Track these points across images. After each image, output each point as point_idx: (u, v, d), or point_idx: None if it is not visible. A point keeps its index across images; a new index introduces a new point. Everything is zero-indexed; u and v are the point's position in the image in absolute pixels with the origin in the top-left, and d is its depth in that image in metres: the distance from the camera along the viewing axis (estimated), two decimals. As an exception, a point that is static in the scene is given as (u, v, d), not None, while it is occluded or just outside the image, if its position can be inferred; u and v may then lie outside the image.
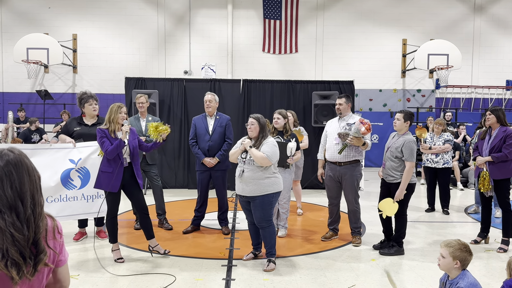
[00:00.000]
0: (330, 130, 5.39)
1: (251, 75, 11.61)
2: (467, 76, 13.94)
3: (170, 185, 9.04)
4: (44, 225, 1.64)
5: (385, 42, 13.84)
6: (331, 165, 5.35)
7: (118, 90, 12.53)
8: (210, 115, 5.74)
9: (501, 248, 5.10)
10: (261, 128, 4.44)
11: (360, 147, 5.17)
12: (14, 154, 1.63)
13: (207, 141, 5.63)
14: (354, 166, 5.24)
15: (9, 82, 13.30)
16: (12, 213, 1.54)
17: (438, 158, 7.07)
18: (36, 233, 1.58)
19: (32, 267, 1.56)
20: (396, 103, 13.96)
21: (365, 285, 4.04)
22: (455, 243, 2.87)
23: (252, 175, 4.34)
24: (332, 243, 5.34)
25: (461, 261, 2.82)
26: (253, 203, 4.42)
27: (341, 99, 5.34)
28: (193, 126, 5.77)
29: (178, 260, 4.66)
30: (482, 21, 13.93)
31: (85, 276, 4.18)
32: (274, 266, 4.43)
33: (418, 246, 5.29)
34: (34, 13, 13.26)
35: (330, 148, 5.32)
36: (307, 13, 13.77)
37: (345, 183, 5.26)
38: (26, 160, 1.65)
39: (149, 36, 13.51)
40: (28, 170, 1.63)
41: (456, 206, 7.69)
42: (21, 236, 1.53)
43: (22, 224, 1.55)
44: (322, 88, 9.27)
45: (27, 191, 1.59)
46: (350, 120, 5.24)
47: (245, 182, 4.36)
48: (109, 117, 4.48)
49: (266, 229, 4.45)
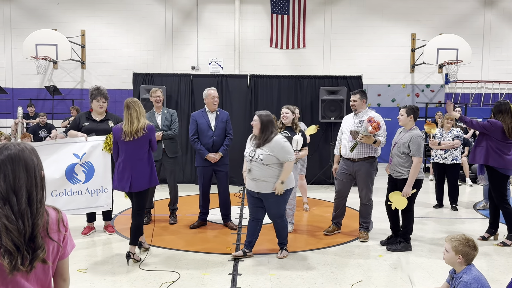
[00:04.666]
0: (346, 126, 5.37)
1: (259, 70, 11.58)
2: (477, 71, 13.78)
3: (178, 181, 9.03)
4: (44, 222, 1.65)
5: (394, 37, 13.71)
6: (345, 161, 5.34)
7: (126, 86, 12.58)
8: (212, 111, 5.72)
9: (503, 243, 5.11)
10: (263, 126, 4.40)
11: (372, 145, 5.13)
12: (16, 149, 1.64)
13: (210, 136, 5.60)
14: (369, 162, 5.20)
15: (19, 78, 13.41)
16: (5, 205, 1.57)
17: (447, 154, 7.01)
18: (33, 229, 1.60)
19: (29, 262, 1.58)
20: (404, 98, 13.86)
21: (372, 281, 4.03)
22: (459, 237, 2.87)
23: (263, 173, 4.36)
24: (339, 239, 5.33)
25: (464, 256, 2.81)
26: (266, 200, 4.46)
27: (356, 96, 5.30)
28: (193, 122, 5.67)
29: (185, 255, 4.69)
30: (493, 15, 13.75)
31: (93, 270, 4.22)
32: (287, 253, 4.67)
33: (426, 242, 5.26)
34: (42, 9, 13.33)
35: (345, 145, 5.31)
36: (315, 7, 13.68)
37: (359, 178, 5.25)
38: (28, 157, 1.65)
39: (156, 32, 13.53)
40: (26, 166, 1.64)
41: (465, 202, 7.63)
42: (15, 227, 1.56)
43: (16, 217, 1.57)
44: (330, 83, 9.22)
45: (22, 186, 1.61)
46: (364, 117, 5.19)
47: (257, 180, 4.39)
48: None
49: (279, 223, 4.62)
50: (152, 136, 4.43)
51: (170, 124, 5.90)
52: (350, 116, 5.44)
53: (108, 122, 5.24)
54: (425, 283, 3.99)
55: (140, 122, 4.32)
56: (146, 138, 4.36)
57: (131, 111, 4.33)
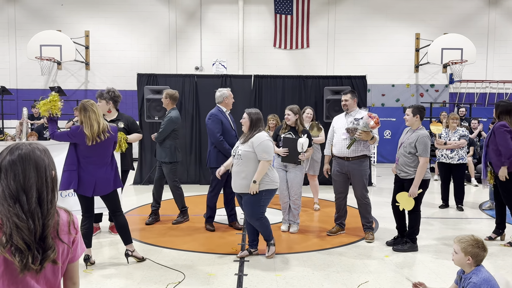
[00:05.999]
0: (337, 125, 5.38)
1: (262, 70, 11.57)
2: (481, 71, 13.73)
3: (182, 181, 9.04)
4: (54, 223, 1.64)
5: (398, 37, 13.68)
6: (338, 160, 5.33)
7: (130, 87, 12.60)
8: (228, 110, 5.71)
9: (510, 243, 5.07)
10: (252, 123, 4.42)
11: (368, 142, 5.15)
12: (27, 149, 1.64)
13: (234, 136, 5.56)
14: (362, 161, 5.22)
15: (23, 79, 13.46)
16: (16, 204, 1.57)
17: (453, 154, 6.98)
18: (44, 230, 1.59)
19: (39, 263, 1.58)
20: (409, 98, 13.81)
21: (378, 281, 4.00)
22: (468, 238, 2.84)
23: (241, 170, 4.34)
24: (344, 239, 5.31)
25: (473, 257, 2.78)
26: (243, 199, 4.45)
27: (347, 95, 5.34)
28: (219, 122, 5.49)
29: (191, 255, 4.68)
30: (497, 14, 13.69)
31: (99, 270, 4.22)
32: (274, 248, 4.58)
33: (432, 242, 5.23)
34: (47, 10, 13.38)
35: (338, 143, 5.29)
36: (318, 7, 13.66)
37: (353, 178, 5.24)
38: (39, 157, 1.65)
39: (160, 33, 13.55)
40: (36, 166, 1.63)
41: (470, 202, 7.60)
42: (25, 225, 1.55)
43: (27, 216, 1.57)
44: (334, 83, 9.20)
45: (33, 186, 1.60)
46: (357, 115, 5.23)
47: (236, 178, 4.40)
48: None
49: (257, 224, 4.49)
50: (116, 139, 4.27)
51: None
52: (342, 115, 5.46)
53: (118, 122, 5.24)
54: (432, 284, 3.96)
55: (101, 124, 4.07)
56: (110, 140, 4.16)
57: (89, 113, 4.06)
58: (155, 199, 6.00)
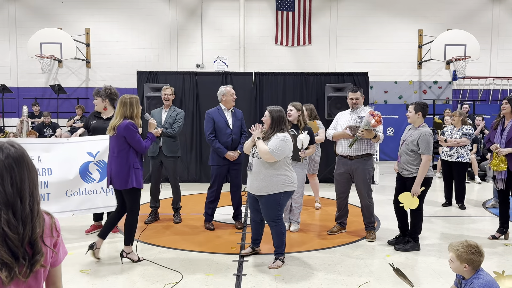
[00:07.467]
0: (342, 122, 5.27)
1: (264, 67, 11.48)
2: (485, 67, 13.59)
3: (182, 179, 8.99)
4: (41, 224, 1.57)
5: (401, 33, 13.56)
6: (342, 159, 5.24)
7: (130, 84, 12.52)
8: (229, 109, 5.63)
9: None
10: (274, 121, 4.27)
11: (371, 140, 5.04)
12: (15, 148, 1.55)
13: (229, 135, 5.49)
14: (366, 159, 5.11)
15: (24, 77, 13.42)
16: (8, 211, 1.48)
17: (452, 152, 6.89)
18: (32, 233, 1.51)
19: (27, 268, 1.50)
20: (412, 95, 13.70)
21: (379, 281, 3.93)
22: (462, 245, 2.75)
23: (260, 171, 4.18)
24: (345, 239, 5.24)
25: (470, 264, 2.70)
26: (260, 201, 4.30)
27: (357, 93, 5.21)
28: (210, 120, 5.50)
29: (189, 255, 4.62)
30: (501, 10, 13.54)
31: (96, 270, 4.16)
32: (281, 264, 4.28)
33: (435, 241, 5.16)
34: (47, 8, 13.32)
35: (342, 142, 5.20)
36: (320, 3, 13.55)
37: (357, 177, 5.14)
38: (27, 155, 1.58)
39: (161, 30, 13.48)
40: (28, 166, 1.56)
41: (474, 200, 7.51)
42: (15, 236, 1.47)
43: (18, 222, 1.48)
44: (336, 80, 9.11)
45: (27, 188, 1.53)
46: (361, 113, 5.11)
47: (253, 178, 4.24)
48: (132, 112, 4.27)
49: (273, 228, 4.31)
50: (127, 135, 4.19)
51: (173, 122, 5.84)
52: (346, 112, 5.35)
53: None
54: (435, 284, 3.89)
55: (116, 120, 4.24)
56: (118, 136, 4.22)
57: (121, 106, 4.28)
58: (154, 198, 5.95)
